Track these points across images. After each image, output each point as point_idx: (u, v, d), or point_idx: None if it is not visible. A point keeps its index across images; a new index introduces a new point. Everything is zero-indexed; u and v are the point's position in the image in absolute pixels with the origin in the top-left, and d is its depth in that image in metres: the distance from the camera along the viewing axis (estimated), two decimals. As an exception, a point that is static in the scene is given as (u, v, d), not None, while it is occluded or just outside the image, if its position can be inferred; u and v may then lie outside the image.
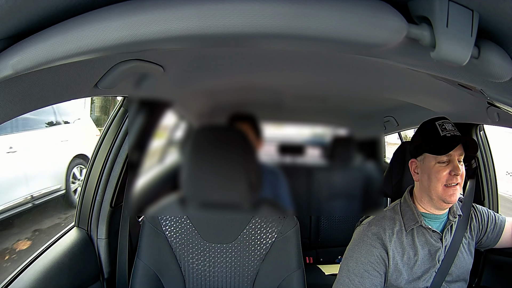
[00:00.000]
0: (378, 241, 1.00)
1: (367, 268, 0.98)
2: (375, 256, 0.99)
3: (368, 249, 0.99)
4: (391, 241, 1.00)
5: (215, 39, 0.37)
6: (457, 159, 0.96)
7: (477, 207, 1.12)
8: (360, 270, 0.98)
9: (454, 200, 0.96)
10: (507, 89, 0.53)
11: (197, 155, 0.95)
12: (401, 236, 1.00)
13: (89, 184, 1.22)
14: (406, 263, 0.99)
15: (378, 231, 1.01)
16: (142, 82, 0.89)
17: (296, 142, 1.42)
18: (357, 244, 1.02)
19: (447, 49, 0.38)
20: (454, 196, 0.96)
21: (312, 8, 0.35)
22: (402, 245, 1.00)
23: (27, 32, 0.40)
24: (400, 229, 1.01)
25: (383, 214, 1.05)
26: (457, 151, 0.96)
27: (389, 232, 1.01)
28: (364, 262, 0.98)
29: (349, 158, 1.51)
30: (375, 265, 0.98)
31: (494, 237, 1.09)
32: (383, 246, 0.99)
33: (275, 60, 0.93)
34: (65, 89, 0.66)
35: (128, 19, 0.36)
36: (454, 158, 0.96)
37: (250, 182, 0.94)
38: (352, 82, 1.16)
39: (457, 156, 0.96)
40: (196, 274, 1.09)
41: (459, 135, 0.97)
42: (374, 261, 0.98)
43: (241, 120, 1.26)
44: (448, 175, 0.95)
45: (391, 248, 0.99)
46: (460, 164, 0.96)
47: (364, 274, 0.97)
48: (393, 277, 0.99)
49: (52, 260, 1.02)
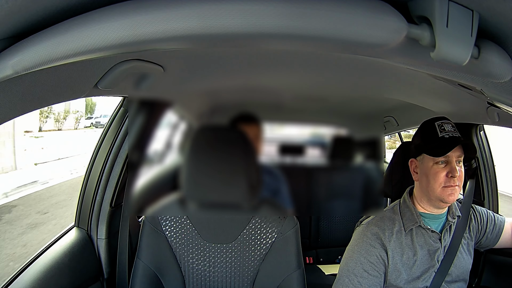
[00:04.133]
0: (378, 241, 1.00)
1: (366, 268, 0.98)
2: (374, 256, 0.99)
3: (367, 249, 1.00)
4: (390, 241, 1.00)
5: (215, 39, 0.37)
6: (456, 161, 0.96)
7: (476, 208, 1.12)
8: (360, 270, 0.98)
9: (452, 200, 0.96)
10: (507, 89, 0.53)
11: (197, 155, 0.95)
12: (400, 236, 1.01)
13: (89, 184, 1.22)
14: (405, 263, 0.99)
15: (377, 231, 1.01)
16: (142, 82, 0.89)
17: (296, 142, 1.42)
18: (357, 244, 1.02)
19: (447, 49, 0.38)
20: (453, 196, 0.96)
21: (312, 8, 0.35)
22: (401, 245, 1.00)
23: (27, 32, 0.40)
24: (400, 229, 1.01)
25: (382, 215, 1.05)
26: (455, 153, 0.95)
27: (388, 232, 1.01)
28: (363, 262, 0.99)
29: (349, 158, 1.51)
30: (374, 265, 0.98)
31: (493, 238, 1.10)
32: (383, 246, 0.99)
33: (275, 60, 0.93)
34: (65, 89, 0.66)
35: (128, 19, 0.36)
36: (452, 160, 0.95)
37: (250, 182, 0.94)
38: (352, 82, 1.16)
39: (455, 157, 0.96)
40: (196, 274, 1.09)
41: (458, 136, 0.96)
42: (373, 261, 0.99)
43: (247, 121, 1.25)
44: (445, 176, 0.95)
45: (390, 248, 0.99)
46: (459, 165, 0.96)
47: (363, 274, 0.98)
48: (393, 277, 0.99)
49: (52, 260, 1.01)
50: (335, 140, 1.46)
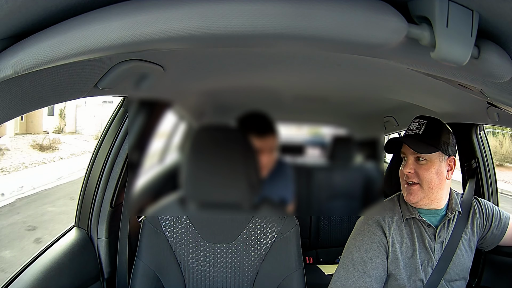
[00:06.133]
0: (379, 228, 1.02)
1: (370, 256, 0.99)
2: (376, 243, 1.00)
3: (369, 237, 1.01)
4: (390, 229, 1.01)
5: (215, 39, 0.37)
6: (414, 157, 0.98)
7: (481, 201, 1.11)
8: (364, 257, 0.99)
9: (410, 200, 0.99)
10: (507, 89, 0.53)
11: (197, 155, 0.95)
12: (400, 225, 1.03)
13: (89, 184, 1.22)
14: (404, 251, 1.01)
15: (378, 219, 1.03)
16: (142, 82, 0.89)
17: (296, 142, 1.42)
18: (359, 232, 1.04)
19: (447, 49, 0.38)
20: (410, 196, 0.99)
21: (312, 8, 0.35)
22: (401, 233, 1.02)
23: (27, 32, 0.40)
24: (399, 218, 1.03)
25: (383, 204, 1.08)
26: (408, 150, 0.98)
27: (388, 219, 1.03)
28: (366, 249, 1.00)
29: (349, 158, 1.51)
30: (377, 252, 1.00)
31: (498, 234, 1.09)
32: (384, 233, 1.01)
33: (275, 60, 0.93)
34: (65, 89, 0.66)
35: (128, 19, 0.36)
36: (408, 157, 0.99)
37: (250, 182, 0.94)
38: (352, 82, 1.16)
39: (410, 154, 0.99)
40: (196, 274, 1.09)
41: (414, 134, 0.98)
42: (376, 248, 1.00)
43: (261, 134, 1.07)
44: (402, 172, 1.00)
45: (390, 235, 1.01)
46: (418, 163, 0.98)
47: (367, 261, 0.99)
48: (392, 265, 1.00)
49: (52, 260, 1.01)
50: (335, 140, 1.46)
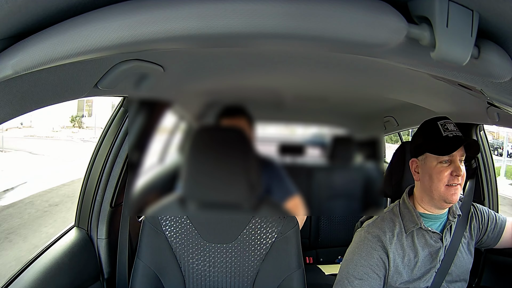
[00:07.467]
0: (379, 243, 0.99)
1: (367, 271, 0.98)
2: (375, 259, 0.99)
3: (368, 252, 0.99)
4: (391, 243, 0.99)
5: (215, 39, 0.37)
6: (459, 159, 0.96)
7: (477, 206, 1.12)
8: (360, 273, 0.98)
9: (455, 200, 0.96)
10: (507, 89, 0.53)
11: (197, 155, 0.95)
12: (401, 238, 1.00)
13: (89, 184, 1.22)
14: (406, 264, 0.99)
15: (378, 233, 1.01)
16: (142, 82, 0.89)
17: (296, 142, 1.42)
18: (358, 246, 1.02)
19: (447, 49, 0.38)
20: (456, 196, 0.96)
21: (312, 8, 0.35)
22: (402, 247, 1.00)
23: (27, 32, 0.40)
24: (400, 231, 1.01)
25: (383, 216, 1.05)
26: (459, 152, 0.95)
27: (389, 234, 1.00)
28: (364, 265, 0.98)
29: (349, 158, 1.51)
30: (374, 268, 0.98)
31: (494, 237, 1.09)
32: (384, 248, 0.99)
33: (275, 60, 0.93)
34: (65, 89, 0.66)
35: (128, 19, 0.36)
36: (456, 159, 0.96)
37: (250, 182, 0.94)
38: (352, 82, 1.16)
39: (458, 156, 0.96)
40: (196, 274, 1.09)
41: (461, 135, 0.97)
42: (374, 264, 0.98)
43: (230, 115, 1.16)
44: (449, 175, 0.95)
45: (391, 250, 0.99)
46: (462, 164, 0.97)
47: (364, 276, 0.97)
48: (394, 279, 0.99)
49: (52, 260, 1.01)
50: (335, 140, 1.46)
